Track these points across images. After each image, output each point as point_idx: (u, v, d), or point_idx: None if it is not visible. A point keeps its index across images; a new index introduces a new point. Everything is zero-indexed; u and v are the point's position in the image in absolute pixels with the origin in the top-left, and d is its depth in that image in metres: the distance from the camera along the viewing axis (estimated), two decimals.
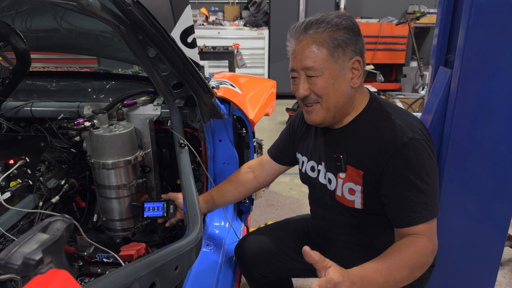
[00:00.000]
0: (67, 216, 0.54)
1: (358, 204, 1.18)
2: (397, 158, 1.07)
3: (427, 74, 4.80)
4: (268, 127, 5.03)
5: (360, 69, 1.15)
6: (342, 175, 1.19)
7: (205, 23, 6.50)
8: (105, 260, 1.44)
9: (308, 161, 1.34)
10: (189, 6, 1.47)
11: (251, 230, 1.79)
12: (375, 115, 1.17)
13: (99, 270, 1.38)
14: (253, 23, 6.39)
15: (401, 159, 1.06)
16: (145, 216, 1.50)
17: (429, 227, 1.07)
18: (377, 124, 1.15)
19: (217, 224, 1.75)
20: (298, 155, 1.40)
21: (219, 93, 1.65)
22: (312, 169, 1.32)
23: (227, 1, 6.89)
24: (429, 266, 1.06)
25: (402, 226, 1.08)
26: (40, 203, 1.45)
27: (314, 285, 0.81)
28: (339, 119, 1.20)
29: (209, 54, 4.90)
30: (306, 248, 0.86)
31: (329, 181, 1.24)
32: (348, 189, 1.18)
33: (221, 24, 6.52)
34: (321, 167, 1.28)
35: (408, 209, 1.06)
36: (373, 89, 4.48)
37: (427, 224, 1.06)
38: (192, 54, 1.45)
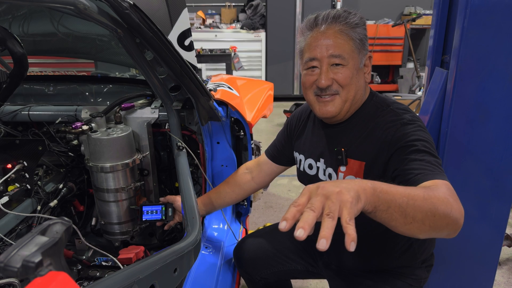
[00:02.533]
0: (66, 218, 0.54)
1: None
2: (398, 136, 1.06)
3: (424, 75, 4.81)
4: (266, 129, 5.04)
5: (370, 65, 1.20)
6: (342, 168, 1.19)
7: (202, 26, 6.51)
8: (104, 263, 1.43)
9: (305, 159, 1.34)
10: (186, 9, 1.48)
11: (249, 232, 1.80)
12: (375, 107, 1.19)
13: (98, 274, 1.38)
14: (250, 26, 6.40)
15: (401, 135, 1.05)
16: (143, 219, 1.50)
17: (448, 184, 0.91)
18: (376, 115, 1.16)
19: (216, 226, 1.75)
20: (296, 154, 1.40)
21: (217, 95, 1.65)
22: (310, 166, 1.32)
23: (224, 4, 6.90)
24: (454, 217, 0.83)
25: (419, 181, 0.92)
26: (38, 207, 1.44)
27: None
28: (350, 113, 1.20)
29: (206, 57, 4.92)
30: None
31: (329, 176, 1.24)
32: None
33: (218, 27, 6.54)
34: (320, 164, 1.28)
35: (418, 167, 0.96)
36: None
37: (444, 181, 0.91)
38: (189, 57, 1.45)
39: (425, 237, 0.85)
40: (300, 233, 0.63)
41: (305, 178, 1.37)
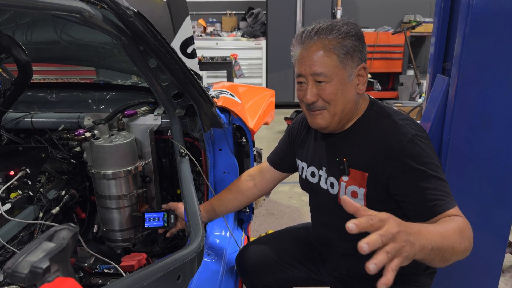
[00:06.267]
0: (72, 224, 0.55)
1: None
2: (405, 155, 1.07)
3: (424, 82, 4.85)
4: (267, 136, 5.04)
5: (365, 75, 1.18)
6: (345, 178, 1.19)
7: (203, 34, 6.55)
8: (106, 271, 1.43)
9: (308, 167, 1.34)
10: (188, 18, 1.49)
11: (251, 239, 1.79)
12: (376, 117, 1.19)
13: (100, 281, 1.38)
14: (251, 34, 6.44)
15: (409, 155, 1.07)
16: (145, 226, 1.50)
17: (459, 211, 1.03)
18: (379, 125, 1.16)
19: (218, 233, 1.75)
20: (298, 161, 1.41)
21: (219, 102, 1.66)
22: (313, 174, 1.32)
23: (225, 12, 6.95)
24: (471, 248, 0.99)
25: (432, 216, 1.03)
26: (41, 214, 1.44)
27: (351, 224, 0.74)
28: (343, 124, 1.21)
29: (207, 64, 4.94)
30: (345, 197, 0.80)
31: (331, 185, 1.24)
32: (351, 192, 1.18)
33: (219, 35, 6.58)
34: (322, 172, 1.28)
35: (432, 198, 1.03)
36: None
37: (456, 209, 1.03)
38: (192, 64, 1.46)
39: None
40: (365, 248, 0.72)
41: (307, 186, 1.37)
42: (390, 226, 0.77)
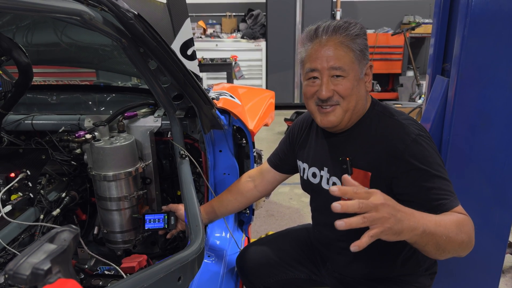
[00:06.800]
0: (73, 226, 0.55)
1: None
2: (409, 155, 1.08)
3: (424, 83, 4.85)
4: (267, 138, 5.04)
5: (371, 74, 1.20)
6: None
7: (203, 36, 6.56)
8: (106, 272, 1.43)
9: (309, 168, 1.34)
10: (188, 19, 1.50)
11: (252, 240, 1.79)
12: (378, 117, 1.19)
13: (100, 283, 1.38)
14: (251, 35, 6.44)
15: (413, 155, 1.07)
16: (146, 228, 1.50)
17: (463, 210, 1.03)
18: (382, 125, 1.17)
19: (218, 235, 1.75)
20: (299, 163, 1.41)
21: (219, 104, 1.66)
22: (314, 175, 1.32)
23: (225, 14, 6.96)
24: (471, 245, 1.01)
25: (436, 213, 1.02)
26: (41, 216, 1.44)
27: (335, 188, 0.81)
28: (353, 122, 1.21)
29: (207, 66, 4.93)
30: (345, 176, 0.85)
31: (333, 185, 1.24)
32: None
33: (218, 37, 6.58)
34: (324, 173, 1.28)
35: (436, 197, 1.04)
36: None
37: (460, 208, 1.03)
38: (192, 66, 1.47)
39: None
40: (337, 207, 0.78)
41: (309, 187, 1.37)
42: (375, 198, 0.81)
